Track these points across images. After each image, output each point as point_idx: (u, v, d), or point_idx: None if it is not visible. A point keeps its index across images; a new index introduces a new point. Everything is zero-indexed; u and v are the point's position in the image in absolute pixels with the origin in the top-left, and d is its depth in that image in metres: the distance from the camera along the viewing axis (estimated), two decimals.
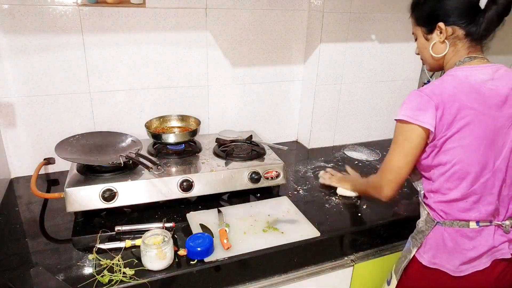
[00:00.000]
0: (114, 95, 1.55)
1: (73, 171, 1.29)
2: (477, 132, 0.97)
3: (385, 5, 1.77)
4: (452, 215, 1.04)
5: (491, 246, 1.01)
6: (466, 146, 0.97)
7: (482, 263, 1.02)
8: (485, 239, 1.02)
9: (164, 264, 1.02)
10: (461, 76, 1.00)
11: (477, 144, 0.97)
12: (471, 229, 1.02)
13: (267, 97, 1.84)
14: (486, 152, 0.98)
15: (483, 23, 0.98)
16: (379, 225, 1.31)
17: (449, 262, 1.03)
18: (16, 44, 1.36)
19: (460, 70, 1.01)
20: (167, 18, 1.52)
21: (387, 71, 1.92)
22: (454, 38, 1.02)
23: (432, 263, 1.06)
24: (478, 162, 0.98)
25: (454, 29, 1.01)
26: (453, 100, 0.96)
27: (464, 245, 1.02)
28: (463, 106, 0.96)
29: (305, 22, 1.77)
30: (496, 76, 1.00)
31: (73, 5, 1.38)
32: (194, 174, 1.31)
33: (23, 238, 1.15)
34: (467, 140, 0.97)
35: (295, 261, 1.20)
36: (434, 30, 1.04)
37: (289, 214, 1.30)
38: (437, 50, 1.06)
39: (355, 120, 1.95)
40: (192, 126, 1.60)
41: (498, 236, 1.03)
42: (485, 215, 1.02)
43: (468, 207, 1.02)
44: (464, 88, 0.97)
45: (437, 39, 1.04)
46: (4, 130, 1.44)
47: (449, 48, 1.03)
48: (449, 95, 0.97)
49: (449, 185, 1.02)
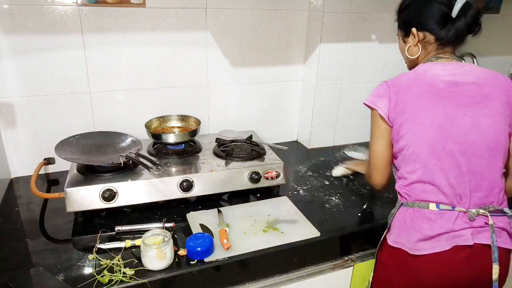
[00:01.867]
0: (114, 95, 1.55)
1: (73, 171, 1.29)
2: (424, 119, 1.05)
3: (385, 5, 1.76)
4: (414, 197, 1.09)
5: (449, 229, 1.03)
6: (415, 130, 1.06)
7: (440, 245, 1.03)
8: (444, 222, 1.04)
9: (164, 264, 1.02)
10: (421, 70, 1.12)
11: (423, 128, 1.05)
12: (430, 211, 1.05)
13: (267, 97, 1.84)
14: (433, 136, 1.05)
15: (452, 31, 1.09)
16: (379, 225, 1.31)
17: (407, 240, 1.07)
18: (16, 44, 1.36)
19: (422, 66, 1.13)
20: (167, 18, 1.52)
21: (387, 71, 1.91)
22: (425, 42, 1.13)
23: (395, 242, 1.11)
24: (425, 145, 1.05)
25: (425, 34, 1.12)
26: (404, 90, 1.08)
27: (421, 224, 1.06)
28: (413, 94, 1.07)
29: (305, 22, 1.77)
30: (459, 71, 1.09)
31: (73, 5, 1.38)
32: (194, 174, 1.31)
33: (23, 238, 1.15)
34: (415, 126, 1.06)
35: (295, 261, 1.20)
36: (409, 35, 1.16)
37: (289, 214, 1.30)
38: (411, 52, 1.18)
39: (355, 120, 1.95)
40: (192, 126, 1.60)
41: (461, 222, 1.04)
42: (443, 199, 1.05)
43: (426, 189, 1.07)
44: (418, 80, 1.09)
45: (412, 42, 1.16)
46: (4, 130, 1.44)
47: (421, 50, 1.15)
48: (402, 85, 1.09)
49: (407, 169, 1.10)
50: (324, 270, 1.25)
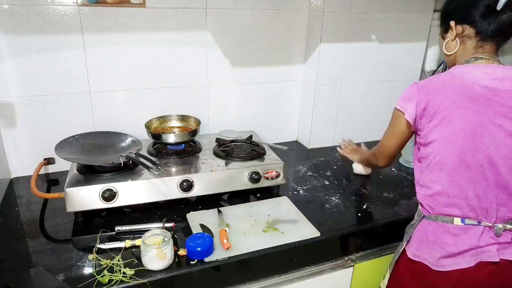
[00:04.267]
0: (114, 95, 1.55)
1: (73, 171, 1.29)
2: (456, 125, 0.99)
3: (385, 5, 1.77)
4: (437, 210, 1.05)
5: (475, 246, 1.00)
6: (444, 137, 1.00)
7: (464, 261, 1.00)
8: (469, 238, 1.01)
9: (164, 264, 1.02)
10: (457, 73, 1.03)
11: (454, 135, 0.99)
12: (455, 226, 1.02)
13: (267, 97, 1.84)
14: (463, 145, 0.99)
15: (494, 24, 1.00)
16: (379, 225, 1.31)
17: (429, 255, 1.04)
18: (16, 44, 1.36)
19: (459, 68, 1.05)
20: (167, 18, 1.52)
21: (387, 71, 1.92)
22: (464, 36, 1.06)
23: (415, 255, 1.08)
24: (455, 154, 1.00)
25: (464, 28, 1.05)
26: (437, 94, 1.01)
27: (444, 239, 1.02)
28: (446, 99, 0.99)
29: (305, 22, 1.77)
30: (500, 76, 1.00)
31: (73, 5, 1.38)
32: (194, 174, 1.31)
33: (23, 238, 1.15)
34: (446, 131, 1.00)
35: (295, 261, 1.20)
36: (448, 30, 1.09)
37: (289, 214, 1.30)
38: (449, 47, 1.10)
39: (355, 120, 1.95)
40: (192, 126, 1.60)
41: (486, 237, 1.01)
42: (469, 212, 1.01)
43: (450, 202, 1.03)
44: (454, 83, 1.01)
45: (450, 37, 1.09)
46: (4, 130, 1.44)
47: (459, 46, 1.07)
48: (434, 89, 1.02)
49: (431, 177, 1.05)
50: (324, 270, 1.25)
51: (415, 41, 1.92)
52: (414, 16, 1.86)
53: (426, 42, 1.96)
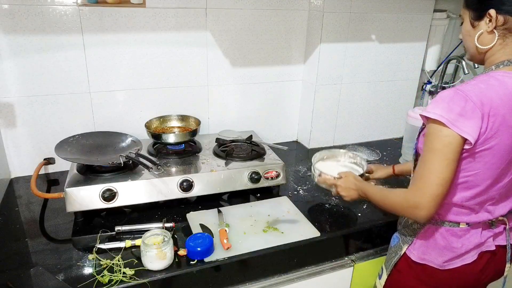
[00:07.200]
0: (114, 95, 1.55)
1: (73, 171, 1.29)
2: (503, 150, 0.89)
3: (385, 5, 1.76)
4: (444, 216, 1.03)
5: (478, 243, 1.03)
6: (489, 162, 0.90)
7: (470, 257, 1.03)
8: (473, 237, 1.03)
9: (164, 264, 1.02)
10: (504, 79, 0.87)
11: (500, 162, 0.91)
12: (460, 228, 1.03)
13: (267, 97, 1.84)
14: (503, 171, 0.94)
15: None
16: (379, 225, 1.31)
17: (437, 258, 1.05)
18: (16, 44, 1.35)
19: (497, 74, 0.90)
20: (167, 18, 1.52)
21: (387, 71, 1.91)
22: (505, 29, 0.90)
23: (421, 258, 1.07)
24: (492, 178, 0.93)
25: (506, 19, 0.88)
26: (497, 114, 0.85)
27: (453, 243, 1.03)
28: (504, 122, 0.86)
29: (305, 22, 1.77)
30: None
31: (73, 5, 1.38)
32: (194, 174, 1.31)
33: (23, 238, 1.15)
34: (493, 159, 0.90)
35: (295, 261, 1.20)
36: (484, 17, 0.91)
37: (289, 214, 1.30)
38: (484, 41, 0.93)
39: (355, 120, 1.95)
40: (192, 126, 1.60)
41: (485, 231, 1.04)
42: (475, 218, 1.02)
43: (462, 212, 1.02)
44: (508, 100, 0.86)
45: (485, 28, 0.91)
46: (4, 130, 1.44)
47: (497, 40, 0.91)
48: (494, 107, 0.85)
49: (451, 191, 0.97)
50: (324, 270, 1.25)
51: (415, 41, 1.92)
52: (414, 16, 1.86)
53: (426, 42, 1.96)
